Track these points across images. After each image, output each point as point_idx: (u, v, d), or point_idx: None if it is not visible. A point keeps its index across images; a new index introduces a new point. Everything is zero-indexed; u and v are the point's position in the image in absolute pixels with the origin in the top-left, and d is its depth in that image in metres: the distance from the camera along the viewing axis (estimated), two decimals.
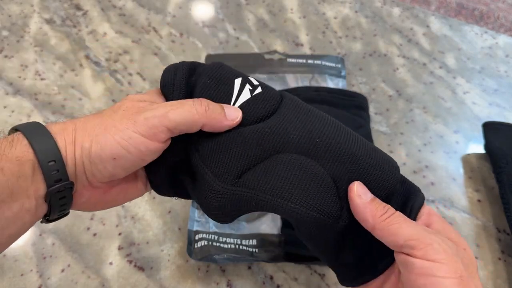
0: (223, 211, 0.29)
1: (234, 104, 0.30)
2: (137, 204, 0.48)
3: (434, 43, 0.68)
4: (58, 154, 0.25)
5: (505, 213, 0.47)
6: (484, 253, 0.47)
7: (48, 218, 0.27)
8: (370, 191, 0.29)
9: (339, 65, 0.62)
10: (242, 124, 0.30)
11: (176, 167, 0.31)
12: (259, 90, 0.31)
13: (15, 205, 0.23)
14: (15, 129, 0.26)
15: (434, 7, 1.84)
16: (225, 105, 0.29)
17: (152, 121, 0.26)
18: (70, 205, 0.27)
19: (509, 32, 1.78)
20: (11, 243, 0.25)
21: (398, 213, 0.27)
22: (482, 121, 0.57)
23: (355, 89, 0.61)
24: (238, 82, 0.31)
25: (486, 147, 0.54)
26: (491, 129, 0.55)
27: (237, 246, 0.44)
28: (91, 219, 0.47)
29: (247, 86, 0.31)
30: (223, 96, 0.30)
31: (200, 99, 0.29)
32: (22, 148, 0.24)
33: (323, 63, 0.61)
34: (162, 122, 0.26)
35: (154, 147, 0.27)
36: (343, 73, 0.61)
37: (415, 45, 0.67)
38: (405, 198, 0.30)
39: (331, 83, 0.60)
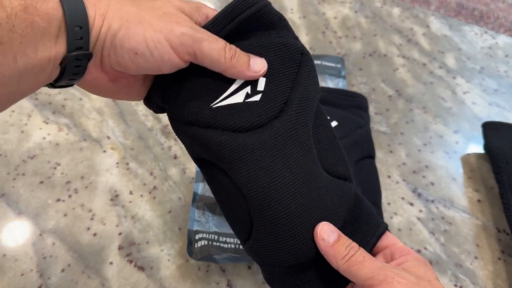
0: None
1: (221, 101, 0.29)
2: (137, 204, 0.48)
3: (434, 43, 0.68)
4: (86, 21, 0.24)
5: (505, 213, 0.47)
6: (484, 253, 0.47)
7: (55, 83, 0.27)
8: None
9: (339, 65, 0.62)
10: (215, 127, 0.29)
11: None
12: (257, 97, 0.30)
13: (36, 61, 0.23)
14: None
15: (434, 7, 1.84)
16: (252, 56, 0.29)
17: (187, 39, 0.27)
18: (82, 76, 0.27)
19: (509, 32, 1.79)
20: (15, 101, 0.25)
21: (360, 252, 0.28)
22: (482, 121, 0.57)
23: (355, 89, 0.61)
24: (240, 80, 0.30)
25: (486, 147, 0.54)
26: (491, 129, 0.55)
27: (237, 246, 0.44)
28: (91, 219, 0.47)
29: (246, 89, 0.30)
30: (217, 87, 0.30)
31: (232, 45, 0.29)
32: (53, 5, 0.24)
33: (323, 63, 0.61)
34: (194, 46, 0.27)
35: (176, 62, 0.27)
36: (343, 73, 0.61)
37: (415, 45, 0.67)
38: (363, 230, 0.31)
39: (331, 83, 0.60)
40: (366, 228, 0.31)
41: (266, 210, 0.29)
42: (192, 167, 0.52)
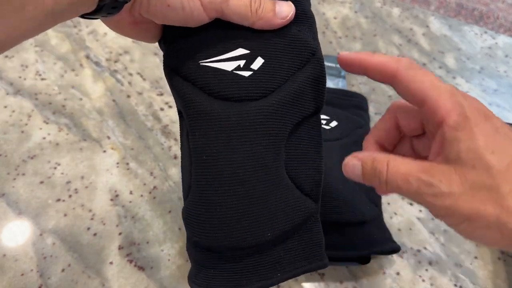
0: None
1: (210, 62, 0.29)
2: (137, 204, 0.48)
3: (433, 43, 0.68)
4: None
5: None
6: (484, 253, 0.47)
7: (88, 16, 0.27)
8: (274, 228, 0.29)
9: (339, 65, 0.62)
10: (194, 83, 0.29)
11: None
12: (246, 73, 0.29)
13: None
14: None
15: (434, 7, 1.84)
16: (278, 2, 0.30)
17: None
18: (113, 15, 0.27)
19: (508, 32, 1.79)
20: (53, 25, 0.25)
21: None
22: None
23: (355, 89, 0.61)
24: (239, 52, 0.29)
25: None
26: None
27: None
28: (91, 219, 0.47)
29: (240, 62, 0.29)
30: (214, 48, 0.29)
31: None
32: None
33: None
34: (222, 3, 0.28)
35: (202, 17, 0.28)
36: (343, 73, 0.61)
37: (415, 45, 0.67)
38: (301, 255, 0.30)
39: (331, 83, 0.60)
40: (305, 254, 0.30)
41: (201, 183, 0.28)
42: None
